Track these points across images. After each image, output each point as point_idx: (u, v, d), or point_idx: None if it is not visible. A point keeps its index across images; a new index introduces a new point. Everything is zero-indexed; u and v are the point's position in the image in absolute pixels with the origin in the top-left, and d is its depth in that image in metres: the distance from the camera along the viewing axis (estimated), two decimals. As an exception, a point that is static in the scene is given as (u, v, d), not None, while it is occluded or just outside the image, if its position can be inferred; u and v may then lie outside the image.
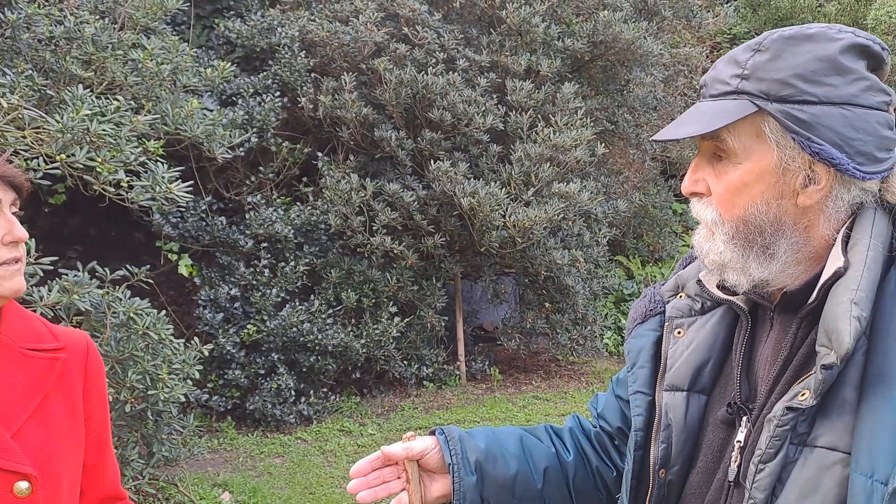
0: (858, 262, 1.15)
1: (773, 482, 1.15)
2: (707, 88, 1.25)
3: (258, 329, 5.87)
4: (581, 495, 1.55)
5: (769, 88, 1.17)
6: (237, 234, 5.98)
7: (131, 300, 3.77)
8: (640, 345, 1.44)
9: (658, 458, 1.32)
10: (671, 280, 1.45)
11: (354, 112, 6.17)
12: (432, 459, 1.48)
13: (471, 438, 1.51)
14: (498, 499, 1.49)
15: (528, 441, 1.55)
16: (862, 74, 1.17)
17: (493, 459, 1.49)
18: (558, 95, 6.52)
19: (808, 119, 1.15)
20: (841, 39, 1.17)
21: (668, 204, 9.50)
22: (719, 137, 1.21)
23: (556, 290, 6.96)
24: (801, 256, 1.22)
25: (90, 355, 1.53)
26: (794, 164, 1.17)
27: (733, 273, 1.24)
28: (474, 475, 1.47)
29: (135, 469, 4.02)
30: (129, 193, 3.61)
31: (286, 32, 6.22)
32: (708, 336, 1.34)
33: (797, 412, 1.14)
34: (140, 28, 4.68)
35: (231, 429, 5.83)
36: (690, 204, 1.30)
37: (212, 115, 4.44)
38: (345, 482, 5.12)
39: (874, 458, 1.06)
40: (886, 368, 1.10)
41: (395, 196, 6.12)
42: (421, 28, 6.37)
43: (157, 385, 3.80)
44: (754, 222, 1.21)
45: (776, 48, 1.18)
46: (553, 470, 1.53)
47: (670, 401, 1.33)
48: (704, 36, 10.06)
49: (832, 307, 1.13)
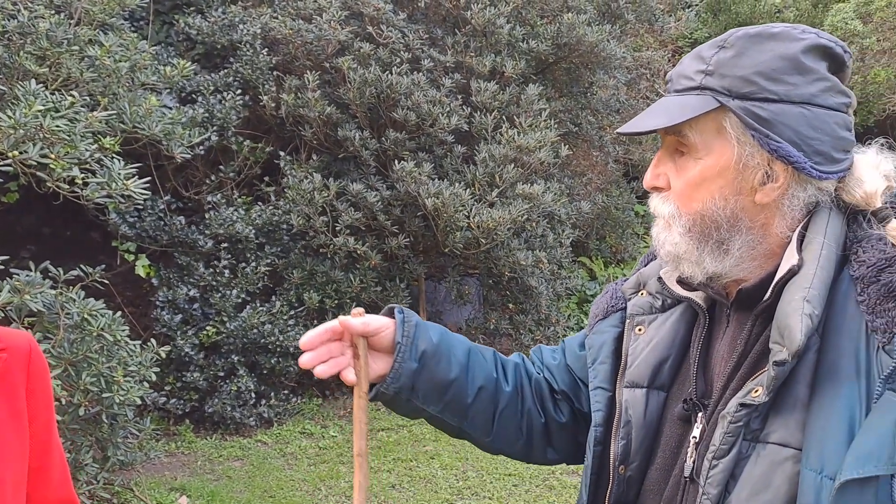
0: (812, 260, 1.17)
1: (727, 478, 1.16)
2: (672, 83, 1.27)
3: (218, 330, 5.79)
4: (503, 427, 1.55)
5: (732, 85, 1.18)
6: (196, 234, 5.89)
7: (85, 301, 3.69)
8: (601, 340, 1.46)
9: (618, 454, 1.34)
10: (633, 277, 1.48)
11: (317, 111, 6.11)
12: (384, 339, 1.47)
13: (426, 330, 1.50)
14: (427, 395, 1.49)
15: (476, 357, 1.55)
16: (822, 75, 1.19)
17: (439, 357, 1.48)
18: (522, 97, 6.52)
19: (768, 116, 1.17)
20: (804, 39, 1.19)
21: (630, 206, 9.57)
22: (681, 132, 1.22)
23: (519, 290, 6.96)
24: (755, 253, 1.23)
25: (33, 356, 1.48)
26: (753, 161, 1.19)
27: (688, 265, 1.26)
28: (417, 363, 1.46)
29: (89, 473, 3.93)
30: (83, 191, 3.53)
31: (248, 29, 6.14)
32: (668, 333, 1.36)
33: (750, 408, 1.15)
34: (97, 24, 4.58)
35: (189, 432, 5.74)
36: (650, 198, 1.32)
37: (171, 114, 4.36)
38: (306, 485, 5.07)
39: (824, 454, 1.07)
40: (837, 366, 1.12)
41: (359, 196, 6.07)
42: (385, 27, 6.33)
43: (113, 388, 3.72)
44: (711, 217, 1.22)
45: (740, 45, 1.20)
46: (486, 392, 1.52)
47: (630, 397, 1.35)
48: (666, 40, 10.14)
49: (785, 305, 1.15)
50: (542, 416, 1.57)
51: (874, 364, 1.09)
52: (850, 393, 1.09)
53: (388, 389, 1.46)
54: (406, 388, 1.46)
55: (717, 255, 1.23)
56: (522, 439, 1.56)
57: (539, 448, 1.59)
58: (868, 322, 1.11)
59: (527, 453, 1.59)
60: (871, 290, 1.13)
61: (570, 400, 1.58)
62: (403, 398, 1.48)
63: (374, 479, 5.20)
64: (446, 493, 5.05)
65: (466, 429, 1.54)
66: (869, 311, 1.11)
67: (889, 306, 1.10)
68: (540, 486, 5.17)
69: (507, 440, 1.56)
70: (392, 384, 1.45)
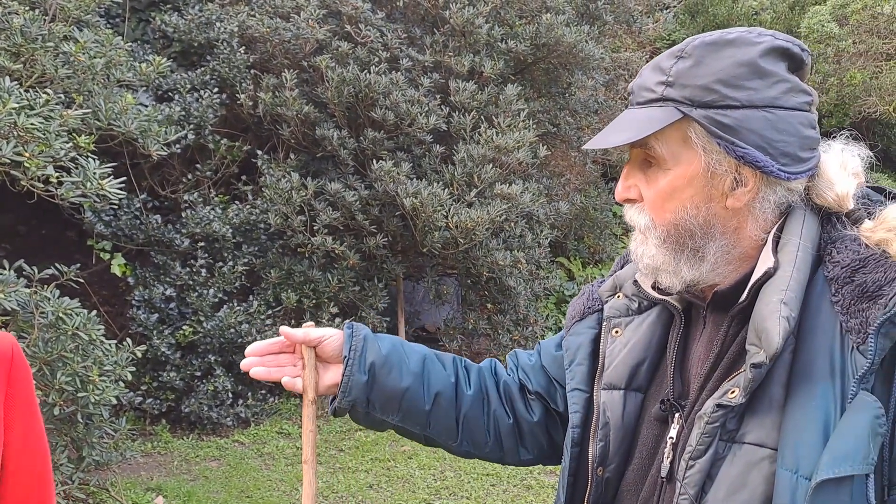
0: (788, 262, 1.18)
1: (703, 478, 1.17)
2: (634, 96, 1.27)
3: (194, 330, 5.75)
4: (468, 431, 1.57)
5: (693, 95, 1.19)
6: (173, 233, 5.85)
7: (60, 300, 3.66)
8: (578, 342, 1.47)
9: (596, 455, 1.34)
10: (609, 280, 1.49)
11: (295, 110, 6.09)
12: (329, 347, 1.51)
13: (375, 342, 1.53)
14: (384, 406, 1.52)
15: (431, 364, 1.57)
16: (783, 77, 1.19)
17: (389, 368, 1.51)
18: (501, 97, 6.53)
19: (732, 123, 1.17)
20: (761, 43, 1.20)
21: (608, 206, 9.60)
22: (648, 145, 1.23)
23: (498, 290, 6.96)
24: (730, 257, 1.24)
25: (15, 360, 1.45)
26: (721, 168, 1.20)
27: (666, 275, 1.27)
28: (365, 375, 1.49)
29: (64, 473, 3.90)
30: (58, 190, 3.50)
31: (225, 27, 6.10)
32: (644, 335, 1.37)
33: (727, 409, 1.16)
34: (72, 20, 4.54)
35: (165, 432, 5.70)
36: (624, 210, 1.33)
37: (147, 111, 4.33)
38: (283, 485, 5.05)
39: (799, 454, 1.08)
40: (811, 366, 1.13)
41: (337, 195, 6.05)
42: (364, 26, 6.32)
43: (88, 387, 3.69)
44: (685, 226, 1.23)
45: (698, 54, 1.20)
46: (445, 397, 1.54)
47: (608, 399, 1.35)
48: (644, 41, 10.19)
49: (762, 307, 1.16)
50: (511, 416, 1.59)
51: (848, 364, 1.09)
52: (824, 393, 1.09)
53: (342, 403, 1.50)
54: (360, 400, 1.50)
55: (693, 262, 1.24)
56: (491, 441, 1.58)
57: (511, 449, 1.60)
58: (842, 322, 1.12)
59: (499, 455, 1.61)
60: (845, 290, 1.13)
61: (544, 400, 1.59)
62: (361, 411, 1.52)
63: (352, 479, 5.19)
64: (424, 493, 5.05)
65: (430, 435, 1.57)
66: (843, 312, 1.12)
67: (863, 307, 1.10)
68: (518, 486, 5.18)
69: (475, 443, 1.58)
70: (345, 397, 1.50)
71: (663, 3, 10.41)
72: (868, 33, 11.89)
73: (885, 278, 1.11)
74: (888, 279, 1.11)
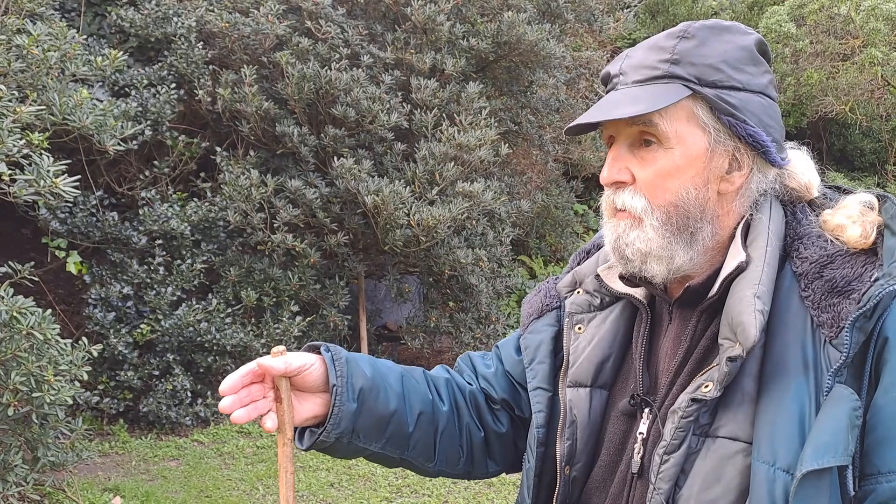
0: (759, 256, 1.18)
1: (677, 473, 1.17)
2: (626, 76, 1.24)
3: (152, 329, 5.68)
4: (444, 450, 1.48)
5: (700, 73, 1.19)
6: (130, 231, 5.77)
7: (14, 298, 3.59)
8: (538, 340, 1.44)
9: (563, 454, 1.32)
10: (568, 276, 1.46)
11: (255, 106, 6.03)
12: (310, 378, 1.35)
13: (357, 364, 1.39)
14: (368, 434, 1.39)
15: (409, 382, 1.46)
16: (768, 68, 1.24)
17: (377, 392, 1.39)
18: (463, 95, 6.53)
19: (738, 104, 1.19)
20: (752, 34, 1.24)
21: (569, 205, 9.66)
22: (651, 122, 1.20)
23: (459, 289, 6.96)
24: (711, 244, 1.24)
25: None
26: (720, 148, 1.21)
27: (656, 262, 1.24)
28: (355, 403, 1.36)
29: (18, 475, 3.83)
30: (11, 188, 3.43)
31: (182, 22, 6.02)
32: (608, 331, 1.36)
33: (700, 403, 1.16)
34: (26, 13, 4.46)
35: (123, 432, 5.62)
36: (606, 196, 1.29)
37: (102, 106, 4.26)
38: (243, 484, 5.01)
39: (775, 446, 1.09)
40: (784, 360, 1.13)
41: (297, 193, 6.01)
42: (324, 22, 6.28)
43: (43, 387, 3.63)
44: (684, 207, 1.22)
45: (702, 35, 1.21)
46: (426, 417, 1.45)
47: (574, 397, 1.34)
48: (605, 40, 10.25)
49: (736, 302, 1.16)
50: (482, 429, 1.53)
51: (821, 358, 1.11)
52: (798, 387, 1.10)
53: (328, 437, 1.36)
54: (347, 431, 1.37)
55: (687, 247, 1.23)
56: (464, 457, 1.51)
57: (480, 463, 1.54)
58: (813, 317, 1.13)
59: (468, 471, 1.54)
60: (815, 285, 1.15)
61: (510, 407, 1.54)
62: (344, 442, 1.38)
63: (313, 478, 5.16)
64: (385, 492, 5.03)
65: (408, 458, 1.46)
66: (814, 307, 1.13)
67: (834, 301, 1.12)
68: (479, 484, 5.19)
69: (450, 461, 1.50)
70: (333, 431, 1.35)
71: (624, 3, 10.50)
72: (825, 34, 12.09)
73: (853, 274, 1.13)
74: (856, 274, 1.13)
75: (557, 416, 1.36)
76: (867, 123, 13.09)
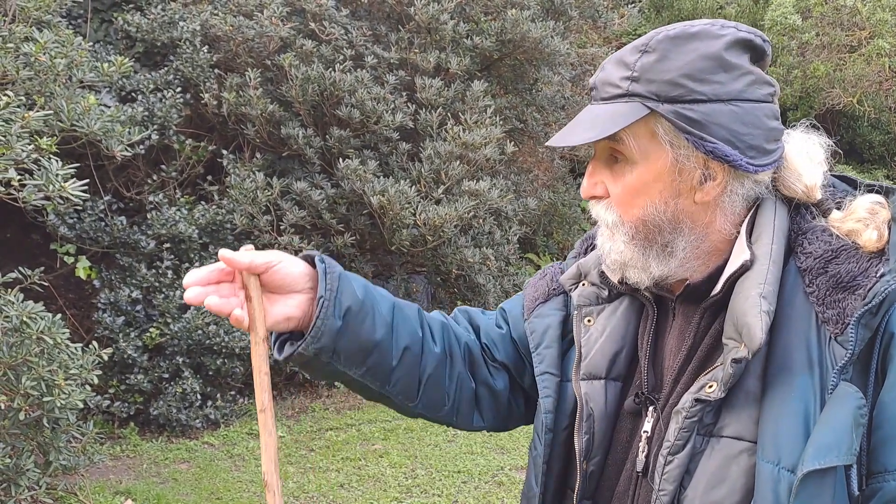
0: (764, 255, 1.17)
1: (682, 473, 1.16)
2: (598, 91, 1.25)
3: (161, 332, 5.70)
4: (429, 393, 1.42)
5: (659, 90, 1.17)
6: (138, 235, 5.80)
7: (25, 303, 3.62)
8: (545, 324, 1.43)
9: (582, 449, 1.31)
10: (572, 268, 1.45)
11: (260, 109, 6.05)
12: (278, 276, 1.28)
13: (350, 283, 1.32)
14: (349, 357, 1.32)
15: (400, 313, 1.39)
16: (747, 69, 1.19)
17: (364, 316, 1.32)
18: (468, 93, 6.54)
19: (699, 118, 1.16)
20: (724, 36, 1.19)
21: (576, 202, 9.64)
22: (615, 140, 1.20)
23: (467, 288, 6.97)
24: (699, 252, 1.23)
25: None
26: (690, 162, 1.19)
27: (634, 271, 1.25)
28: (340, 321, 1.29)
29: (31, 479, 3.86)
30: (20, 193, 3.46)
31: (188, 27, 6.05)
32: (619, 323, 1.35)
33: (704, 404, 1.15)
34: (33, 21, 4.48)
35: (134, 435, 5.65)
36: (590, 206, 1.30)
37: (110, 112, 4.28)
38: (253, 486, 5.03)
39: (779, 446, 1.08)
40: (788, 359, 1.13)
41: (303, 195, 6.03)
42: (328, 24, 6.30)
43: (54, 391, 3.65)
44: (653, 222, 1.22)
45: (663, 48, 1.18)
46: (411, 354, 1.38)
47: (589, 390, 1.32)
48: (610, 36, 10.23)
49: (741, 301, 1.15)
50: (473, 381, 1.49)
51: (826, 355, 1.10)
52: (803, 385, 1.10)
53: (307, 350, 1.28)
54: (327, 349, 1.29)
55: (662, 258, 1.23)
56: (448, 405, 1.46)
57: (466, 414, 1.50)
58: (818, 313, 1.12)
59: (451, 419, 1.49)
60: (819, 281, 1.14)
61: (509, 371, 1.52)
62: (323, 360, 1.31)
63: (323, 479, 5.18)
64: (395, 492, 5.05)
65: (388, 393, 1.40)
66: (819, 303, 1.12)
67: (839, 297, 1.11)
68: (489, 483, 5.20)
69: (433, 406, 1.45)
70: (313, 344, 1.28)
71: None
72: (831, 25, 12.05)
73: (858, 269, 1.12)
74: (861, 270, 1.12)
75: (565, 402, 1.36)
76: (875, 115, 13.03)
